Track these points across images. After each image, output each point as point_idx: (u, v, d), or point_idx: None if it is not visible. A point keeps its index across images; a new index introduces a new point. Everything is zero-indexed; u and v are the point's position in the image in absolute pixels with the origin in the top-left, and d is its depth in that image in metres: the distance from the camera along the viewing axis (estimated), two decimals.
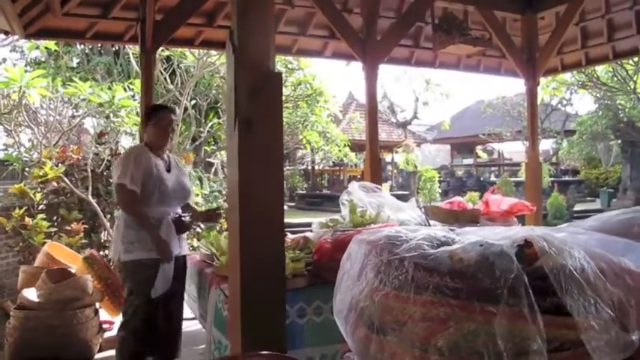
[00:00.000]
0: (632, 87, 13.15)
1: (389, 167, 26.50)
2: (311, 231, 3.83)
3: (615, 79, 13.54)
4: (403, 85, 22.52)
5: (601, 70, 13.44)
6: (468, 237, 1.59)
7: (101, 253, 7.41)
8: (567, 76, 15.01)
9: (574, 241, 1.64)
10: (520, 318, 1.32)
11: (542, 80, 14.86)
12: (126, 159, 3.50)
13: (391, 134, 24.75)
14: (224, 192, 13.50)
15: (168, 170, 3.64)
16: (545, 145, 25.10)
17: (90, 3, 5.14)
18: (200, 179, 11.41)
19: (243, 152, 1.59)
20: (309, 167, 23.88)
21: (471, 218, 3.76)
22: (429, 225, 3.61)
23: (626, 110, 17.65)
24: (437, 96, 19.65)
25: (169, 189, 3.54)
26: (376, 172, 5.46)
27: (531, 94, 6.47)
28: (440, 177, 25.15)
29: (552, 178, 21.57)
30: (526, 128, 6.72)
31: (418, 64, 6.99)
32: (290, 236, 4.13)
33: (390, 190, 22.49)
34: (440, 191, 19.87)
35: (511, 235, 1.50)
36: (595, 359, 1.35)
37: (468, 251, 1.42)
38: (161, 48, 9.14)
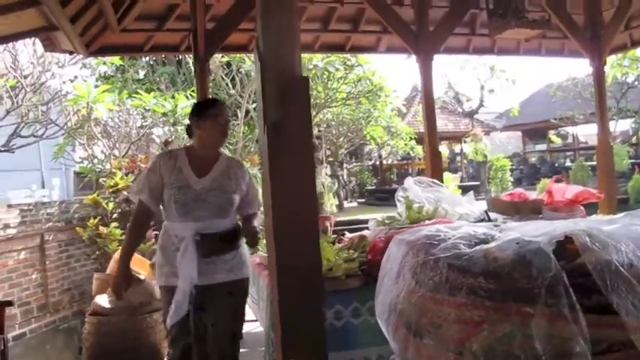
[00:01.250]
0: None
1: (458, 158, 26.06)
2: (368, 229, 3.80)
3: None
4: (467, 74, 22.05)
5: None
6: (509, 233, 1.53)
7: None
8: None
9: (628, 233, 1.55)
10: (560, 318, 1.25)
11: (612, 58, 14.18)
12: (148, 168, 3.19)
13: (458, 124, 24.29)
14: None
15: (204, 174, 3.01)
16: (624, 125, 23.98)
17: (145, 17, 5.28)
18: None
19: (273, 157, 1.59)
20: (377, 162, 23.75)
21: (532, 209, 3.61)
22: (489, 219, 3.51)
23: None
24: (503, 82, 19.09)
25: (193, 195, 2.93)
26: (437, 166, 5.36)
27: (598, 73, 6.17)
28: (512, 165, 24.48)
29: (632, 160, 20.56)
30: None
31: (476, 51, 6.81)
32: (347, 235, 4.12)
33: (460, 181, 22.11)
34: (512, 180, 19.31)
35: (551, 230, 1.42)
36: None
37: (503, 250, 1.36)
38: (220, 55, 9.40)
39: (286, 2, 1.62)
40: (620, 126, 21.10)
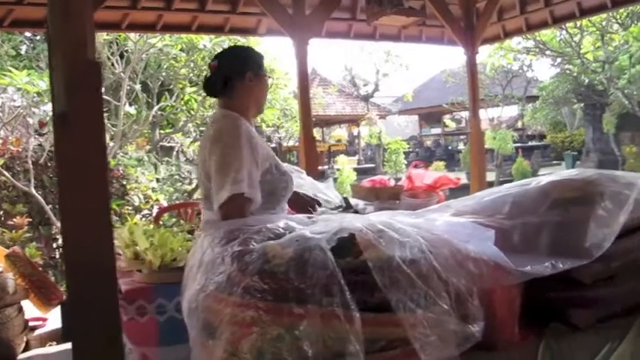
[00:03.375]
0: (578, 51, 13.17)
1: (356, 141, 26.49)
2: None
3: (562, 44, 13.56)
4: (364, 58, 22.38)
5: (551, 34, 13.46)
6: (310, 228, 1.49)
7: (54, 245, 7.29)
8: (515, 43, 15.02)
9: (428, 227, 1.56)
10: (334, 318, 1.22)
11: (496, 48, 14.85)
12: (234, 147, 2.19)
13: (356, 108, 24.61)
14: (183, 175, 13.36)
15: None
16: (512, 111, 25.22)
17: None
18: (155, 164, 11.23)
19: (61, 151, 1.46)
20: (277, 145, 23.71)
21: (392, 195, 3.67)
22: (348, 205, 3.53)
23: (574, 74, 17.74)
24: (397, 67, 19.50)
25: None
26: (311, 151, 5.34)
27: (471, 62, 6.38)
28: (409, 148, 25.17)
29: (517, 144, 21.70)
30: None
31: (357, 37, 6.83)
32: None
33: (358, 164, 22.50)
34: (406, 163, 19.84)
35: (343, 226, 1.40)
36: (423, 357, 1.26)
37: (284, 247, 1.32)
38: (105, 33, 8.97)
39: None
40: (505, 112, 22.13)
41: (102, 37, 9.50)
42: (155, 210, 9.03)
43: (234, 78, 2.35)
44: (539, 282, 1.60)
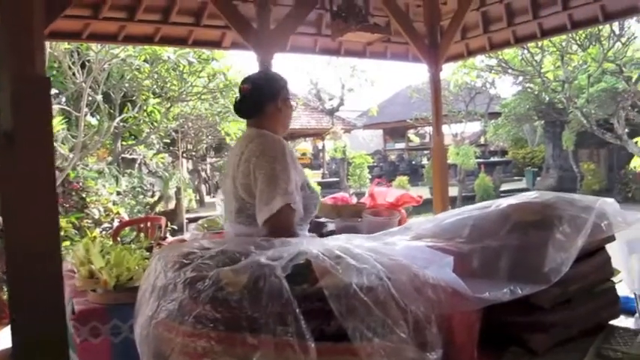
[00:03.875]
0: (539, 70, 13.47)
1: (321, 155, 26.54)
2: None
3: (524, 63, 13.86)
4: (330, 72, 22.37)
5: (513, 53, 13.75)
6: (266, 253, 1.45)
7: None
8: (479, 62, 15.32)
9: (387, 252, 1.53)
10: (288, 348, 1.18)
11: (455, 66, 15.10)
12: (281, 162, 2.30)
13: (321, 122, 24.65)
14: (145, 188, 13.16)
15: None
16: (475, 127, 25.60)
17: None
18: (116, 177, 11.03)
19: (6, 171, 1.39)
20: None
21: (354, 213, 3.66)
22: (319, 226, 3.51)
23: (535, 92, 18.15)
24: (362, 82, 19.62)
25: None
26: None
27: (434, 80, 6.44)
28: (373, 162, 25.31)
29: (479, 160, 22.02)
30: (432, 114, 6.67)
31: (322, 52, 6.85)
32: (169, 239, 3.95)
33: (322, 178, 22.52)
34: (370, 177, 19.94)
35: (299, 251, 1.36)
36: None
37: (239, 274, 1.28)
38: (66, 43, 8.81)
39: None
40: (469, 128, 22.46)
41: (63, 46, 9.33)
42: (116, 223, 8.87)
43: (266, 102, 2.50)
44: (498, 306, 1.58)
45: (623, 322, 2.30)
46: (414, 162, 29.64)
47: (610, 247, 2.19)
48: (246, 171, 2.36)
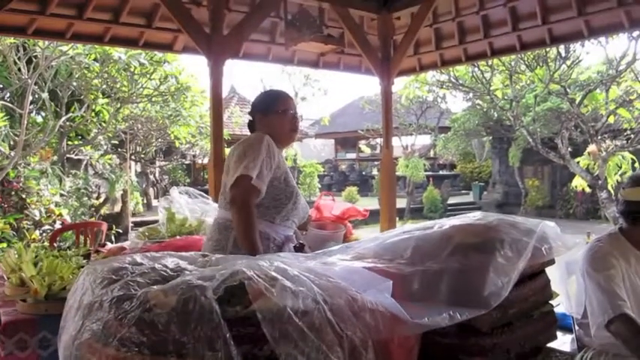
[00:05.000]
0: (488, 88, 13.78)
1: None
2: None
3: (474, 80, 14.15)
4: (284, 80, 22.39)
5: (464, 70, 14.02)
6: (199, 272, 1.39)
7: None
8: (430, 76, 15.56)
9: (325, 273, 1.49)
10: None
11: (407, 79, 15.33)
12: (254, 147, 2.54)
13: None
14: (91, 189, 12.80)
15: None
16: (425, 140, 25.95)
17: None
18: (60, 177, 10.69)
19: None
20: (191, 162, 23.23)
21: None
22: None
23: (484, 109, 18.57)
24: (315, 91, 19.64)
25: (303, 200, 2.82)
26: (221, 172, 5.19)
27: (386, 93, 6.48)
28: (324, 171, 25.36)
29: (428, 173, 22.34)
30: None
31: (276, 60, 6.79)
32: (108, 246, 3.83)
33: None
34: (320, 186, 19.96)
35: (233, 271, 1.31)
36: None
37: (168, 294, 1.22)
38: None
39: None
40: (419, 141, 22.76)
41: (8, 40, 9.00)
42: (58, 225, 8.59)
43: (258, 115, 2.85)
44: (438, 329, 1.57)
45: (560, 339, 2.34)
46: (364, 172, 29.84)
47: (549, 270, 2.22)
48: (227, 157, 2.69)
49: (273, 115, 2.80)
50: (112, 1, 5.43)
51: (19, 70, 9.32)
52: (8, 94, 10.07)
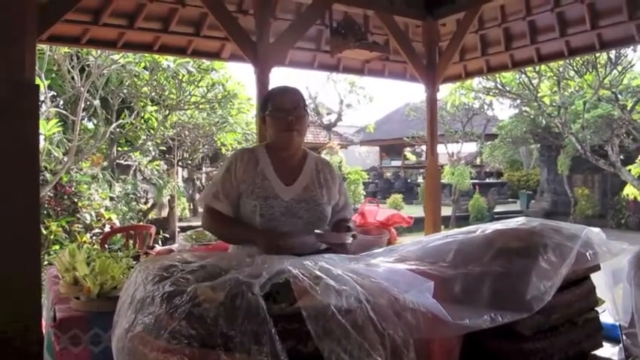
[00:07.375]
0: (536, 94, 13.55)
1: None
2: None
3: (521, 86, 13.94)
4: (329, 87, 22.49)
5: (511, 77, 13.85)
6: (246, 270, 1.44)
7: None
8: (476, 83, 15.39)
9: (368, 274, 1.52)
10: None
11: (453, 86, 15.22)
12: (220, 167, 2.66)
13: (318, 136, 24.72)
14: (139, 195, 13.11)
15: (291, 181, 2.60)
16: (471, 148, 25.68)
17: None
18: (110, 182, 10.98)
19: None
20: None
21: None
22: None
23: (532, 116, 18.25)
24: (361, 99, 19.66)
25: (282, 208, 2.52)
26: None
27: (431, 100, 6.47)
28: (369, 178, 25.32)
29: (474, 181, 22.06)
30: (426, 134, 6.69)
31: (321, 67, 6.86)
32: (157, 248, 3.93)
33: None
34: (364, 193, 19.92)
35: (279, 270, 1.35)
36: None
37: (216, 290, 1.27)
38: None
39: None
40: (465, 148, 22.53)
41: (63, 49, 9.32)
42: (107, 229, 8.83)
43: (260, 117, 2.89)
44: (480, 332, 1.57)
45: (607, 350, 2.29)
46: (409, 180, 29.64)
47: (595, 277, 2.19)
48: None
49: (267, 116, 2.62)
50: (162, 11, 5.58)
51: (73, 78, 9.63)
52: (62, 102, 10.40)
